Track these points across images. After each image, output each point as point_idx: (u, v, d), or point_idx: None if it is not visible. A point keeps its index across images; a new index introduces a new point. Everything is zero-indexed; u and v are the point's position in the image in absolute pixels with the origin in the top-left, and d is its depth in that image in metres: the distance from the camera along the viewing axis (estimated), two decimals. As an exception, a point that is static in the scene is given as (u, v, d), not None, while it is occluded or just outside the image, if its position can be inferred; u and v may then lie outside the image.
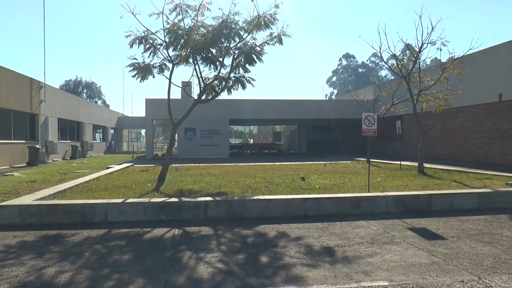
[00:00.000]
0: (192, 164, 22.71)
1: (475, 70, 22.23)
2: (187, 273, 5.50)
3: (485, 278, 5.34)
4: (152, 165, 22.70)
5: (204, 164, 22.79)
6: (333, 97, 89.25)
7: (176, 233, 7.79)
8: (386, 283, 5.13)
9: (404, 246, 6.82)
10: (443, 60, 20.37)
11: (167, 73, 14.24)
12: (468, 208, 10.25)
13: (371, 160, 21.99)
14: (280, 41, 13.79)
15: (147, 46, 13.68)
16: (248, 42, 13.93)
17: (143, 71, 13.92)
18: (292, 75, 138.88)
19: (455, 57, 17.90)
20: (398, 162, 21.13)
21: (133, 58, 13.92)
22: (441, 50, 17.46)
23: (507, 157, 21.55)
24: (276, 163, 23.24)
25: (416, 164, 17.91)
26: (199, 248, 6.68)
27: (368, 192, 10.89)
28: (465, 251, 6.55)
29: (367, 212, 9.65)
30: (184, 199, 9.45)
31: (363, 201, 9.75)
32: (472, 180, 14.10)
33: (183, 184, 12.82)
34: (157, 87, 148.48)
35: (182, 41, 13.47)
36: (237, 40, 13.76)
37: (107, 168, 20.30)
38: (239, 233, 7.77)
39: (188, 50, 13.60)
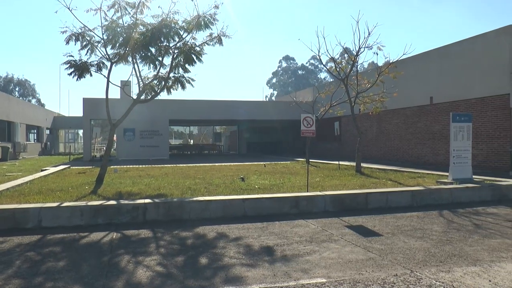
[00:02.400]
0: (132, 166, 22.26)
1: (408, 74, 23.14)
2: (125, 278, 5.38)
3: (416, 271, 5.58)
4: (90, 167, 22.04)
5: (143, 166, 22.40)
6: (273, 98, 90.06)
7: (114, 237, 7.61)
8: (324, 280, 5.24)
9: (342, 244, 6.99)
10: (380, 64, 21.12)
11: (105, 71, 13.91)
12: (402, 206, 10.64)
13: (310, 160, 22.37)
14: (220, 42, 13.79)
15: (84, 43, 13.30)
16: (188, 42, 13.83)
17: (80, 69, 13.51)
18: (233, 76, 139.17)
19: (391, 61, 18.57)
20: (337, 162, 21.63)
21: (70, 55, 13.50)
22: (377, 54, 18.14)
23: (437, 156, 22.55)
24: (216, 164, 23.20)
25: (354, 164, 18.41)
26: (138, 252, 6.56)
27: (307, 191, 11.07)
28: (399, 247, 6.80)
29: (306, 211, 9.81)
30: (122, 201, 9.23)
31: (302, 201, 9.90)
32: (406, 179, 14.65)
33: (122, 186, 12.56)
34: (95, 86, 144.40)
35: (120, 39, 13.19)
36: (177, 39, 13.64)
37: (42, 170, 19.52)
38: (178, 235, 7.70)
39: (127, 49, 13.33)
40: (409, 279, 5.29)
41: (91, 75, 13.79)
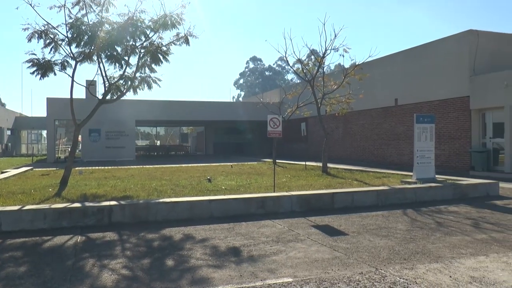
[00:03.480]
0: (97, 167, 21.91)
1: (374, 76, 23.55)
2: (89, 282, 5.28)
3: (381, 269, 5.67)
4: (53, 168, 21.58)
5: (109, 167, 22.08)
6: (241, 99, 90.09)
7: (78, 240, 7.46)
8: (291, 280, 5.27)
9: (308, 243, 7.05)
10: (346, 66, 21.33)
11: (69, 70, 13.60)
12: (367, 205, 10.80)
13: (277, 160, 22.48)
14: (187, 42, 13.70)
15: (48, 41, 12.99)
16: (154, 41, 13.68)
17: (43, 67, 13.17)
18: (200, 76, 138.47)
19: (357, 63, 18.82)
20: (303, 163, 21.79)
21: (32, 54, 13.13)
22: (343, 56, 18.43)
23: (402, 157, 22.99)
24: (183, 165, 23.08)
25: (320, 164, 18.57)
26: (103, 255, 6.44)
27: (274, 192, 11.12)
28: (365, 245, 6.91)
29: (273, 211, 9.84)
30: (87, 204, 9.05)
31: (268, 201, 9.94)
32: (372, 178, 14.87)
33: (87, 188, 12.33)
34: (59, 86, 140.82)
35: (85, 38, 12.94)
36: (143, 39, 13.48)
37: (2, 172, 19.00)
38: (144, 237, 7.61)
39: (92, 47, 13.09)
40: (374, 276, 5.38)
41: (55, 74, 13.49)
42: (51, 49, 13.15)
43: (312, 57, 20.32)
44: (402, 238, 7.43)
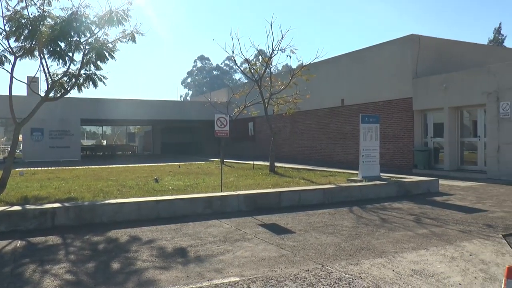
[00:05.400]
0: (40, 168, 21.13)
1: (321, 77, 23.95)
2: (29, 288, 5.08)
3: (327, 265, 5.76)
4: (-9, 170, 20.67)
5: (53, 168, 21.35)
6: (188, 98, 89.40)
7: (18, 245, 7.12)
8: (237, 279, 5.25)
9: (255, 242, 7.06)
10: (293, 66, 21.54)
11: (8, 66, 13.01)
12: (314, 203, 10.94)
13: (225, 160, 22.42)
14: (133, 39, 13.41)
15: (-17, 34, 12.40)
16: (100, 38, 13.30)
17: (-22, 63, 12.57)
18: (148, 74, 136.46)
19: (304, 64, 19.04)
20: (251, 162, 21.84)
21: (-35, 47, 12.51)
22: (290, 57, 18.52)
23: (348, 155, 23.47)
24: (130, 165, 22.64)
25: (268, 163, 18.66)
26: (45, 260, 6.18)
27: (221, 191, 11.07)
28: (311, 243, 6.98)
29: (220, 211, 9.80)
30: (28, 206, 8.66)
31: (215, 201, 9.89)
32: (319, 177, 15.08)
33: (28, 191, 11.84)
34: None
35: (26, 32, 12.40)
36: (88, 35, 13.07)
37: None
38: (89, 240, 7.39)
39: (34, 42, 12.59)
40: (320, 273, 5.45)
41: (-8, 69, 12.90)
42: (-14, 43, 12.54)
43: (260, 57, 20.36)
44: (348, 234, 7.57)
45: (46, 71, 13.35)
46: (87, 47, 13.29)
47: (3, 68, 13.06)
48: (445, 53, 20.59)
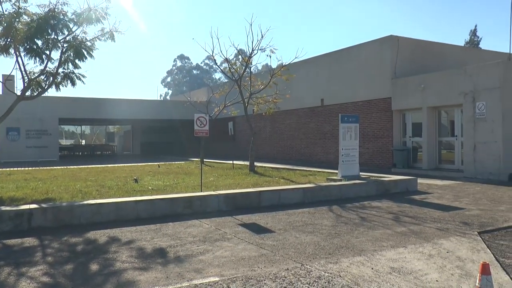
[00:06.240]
0: (16, 168, 20.79)
1: (301, 77, 24.07)
2: (4, 291, 4.99)
3: (307, 264, 5.79)
4: (-35, 170, 20.30)
5: (30, 168, 21.04)
6: (168, 97, 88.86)
7: (-8, 247, 7.02)
8: (217, 279, 5.24)
9: (235, 242, 7.05)
10: (273, 66, 21.60)
11: (-18, 64, 12.81)
12: (294, 203, 10.97)
13: (205, 160, 22.38)
14: (112, 38, 13.29)
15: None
16: (78, 36, 13.15)
17: None
18: (127, 74, 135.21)
19: (283, 64, 19.09)
20: (231, 162, 21.83)
21: None
22: (270, 57, 18.57)
23: (328, 155, 23.60)
24: (109, 165, 22.46)
25: (248, 163, 18.67)
26: (21, 262, 6.07)
27: (201, 191, 11.04)
28: (291, 242, 7.01)
29: (200, 211, 9.77)
30: (3, 208, 8.48)
31: (195, 201, 9.86)
32: (299, 176, 15.14)
33: (3, 192, 11.62)
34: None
35: (0, 29, 12.22)
36: (66, 32, 12.90)
37: None
38: (67, 242, 7.28)
39: (9, 40, 12.38)
40: (300, 272, 5.47)
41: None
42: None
43: (240, 56, 20.36)
44: (328, 233, 7.61)
45: (23, 69, 13.15)
46: (65, 45, 13.14)
47: (-23, 66, 12.77)
48: (423, 54, 20.87)
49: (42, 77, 13.80)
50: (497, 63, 16.60)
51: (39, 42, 12.87)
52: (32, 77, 13.53)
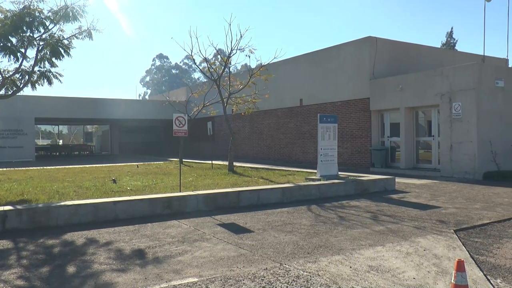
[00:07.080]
0: (-11, 169, 20.45)
1: (280, 77, 24.14)
2: (-24, 295, 4.90)
3: (285, 264, 5.81)
4: None
5: (4, 169, 20.65)
6: (147, 97, 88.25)
7: (-37, 250, 6.85)
8: (196, 279, 5.23)
9: (214, 242, 7.04)
10: (252, 66, 21.61)
11: (-48, 61, 12.52)
12: (273, 202, 11.00)
13: (184, 160, 22.29)
14: (90, 36, 13.15)
15: None
16: (55, 33, 12.96)
17: None
18: (106, 73, 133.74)
19: (262, 64, 19.13)
20: (210, 162, 21.79)
21: None
22: (249, 57, 18.61)
23: (307, 155, 23.72)
24: (87, 166, 22.21)
25: (227, 163, 18.66)
26: (-6, 265, 5.98)
27: (180, 192, 10.99)
28: (270, 241, 7.02)
29: (179, 211, 9.73)
30: (-24, 209, 8.36)
31: (174, 201, 9.81)
32: (278, 176, 15.19)
33: (-24, 193, 11.45)
34: None
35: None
36: (42, 30, 12.68)
37: None
38: (43, 244, 7.17)
39: (-19, 36, 12.14)
40: (279, 271, 5.49)
41: None
42: None
43: (219, 56, 20.33)
44: (306, 233, 7.65)
45: (-3, 67, 12.90)
46: (41, 43, 12.94)
47: None
48: (401, 55, 21.14)
49: (17, 75, 13.58)
50: (472, 65, 16.90)
51: (14, 40, 12.64)
52: (7, 76, 13.30)
